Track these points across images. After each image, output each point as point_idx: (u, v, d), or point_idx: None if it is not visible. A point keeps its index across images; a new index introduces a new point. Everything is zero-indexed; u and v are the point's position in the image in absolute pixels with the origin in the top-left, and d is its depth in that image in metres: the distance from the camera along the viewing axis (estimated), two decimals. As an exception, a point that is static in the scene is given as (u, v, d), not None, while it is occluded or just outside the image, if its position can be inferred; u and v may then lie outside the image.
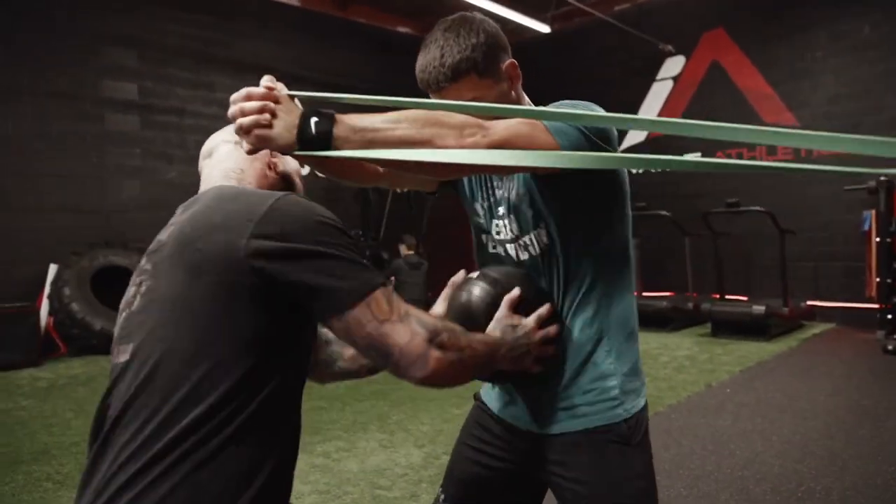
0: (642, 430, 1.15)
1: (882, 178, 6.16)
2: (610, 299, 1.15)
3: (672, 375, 4.78)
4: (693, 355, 5.54)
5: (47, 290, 5.91)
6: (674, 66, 8.31)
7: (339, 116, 0.87)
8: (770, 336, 6.10)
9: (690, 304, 6.96)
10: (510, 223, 1.19)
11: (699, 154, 8.03)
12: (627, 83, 8.41)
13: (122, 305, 0.94)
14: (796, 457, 3.11)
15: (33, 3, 6.21)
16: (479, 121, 0.93)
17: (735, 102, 7.69)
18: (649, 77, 8.41)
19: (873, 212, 6.22)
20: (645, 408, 1.17)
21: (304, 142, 0.84)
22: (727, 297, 7.22)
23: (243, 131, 0.84)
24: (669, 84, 8.32)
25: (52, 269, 5.96)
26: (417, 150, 0.87)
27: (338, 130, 0.85)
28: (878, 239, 6.18)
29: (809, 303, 6.97)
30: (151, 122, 7.03)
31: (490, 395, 1.31)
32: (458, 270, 1.23)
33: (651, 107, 8.41)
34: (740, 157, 7.68)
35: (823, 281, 7.08)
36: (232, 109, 0.85)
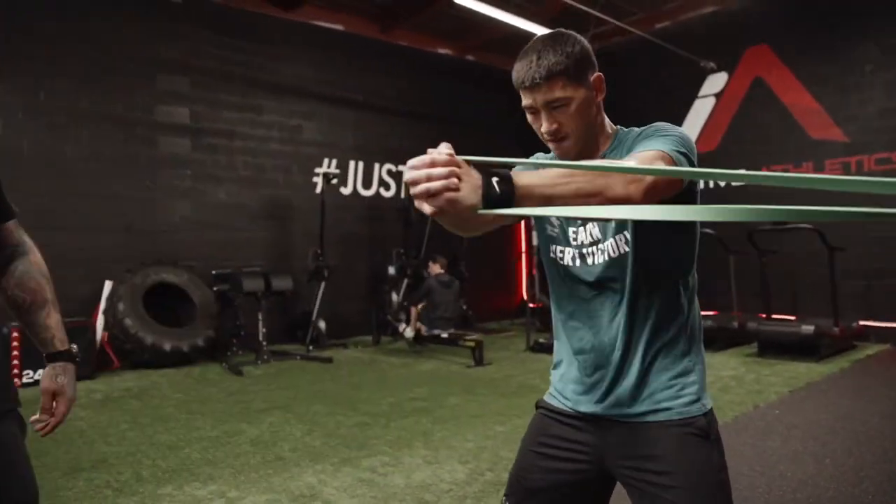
0: (717, 426, 1.23)
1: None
2: (686, 302, 1.26)
3: (718, 396, 4.69)
4: (739, 375, 5.43)
5: (102, 305, 6.15)
6: (716, 82, 8.23)
7: (516, 175, 0.93)
8: (820, 357, 5.94)
9: (735, 324, 6.81)
10: (591, 228, 1.29)
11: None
12: (668, 100, 8.36)
13: None
14: (852, 480, 3.02)
15: (92, 31, 6.55)
16: (632, 165, 1.02)
17: (780, 118, 7.57)
18: (691, 94, 8.35)
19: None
20: (712, 408, 1.25)
21: (490, 201, 0.90)
22: (774, 316, 7.04)
23: (430, 195, 0.87)
24: (712, 101, 8.24)
25: (108, 285, 6.20)
26: (590, 206, 0.96)
27: (519, 189, 0.92)
28: (934, 256, 5.99)
29: (862, 322, 6.77)
30: (202, 145, 7.29)
31: (558, 397, 1.36)
32: (495, 287, 1.31)
33: (693, 124, 8.32)
34: (786, 173, 7.55)
35: (877, 299, 6.85)
36: (415, 174, 0.87)
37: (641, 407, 1.23)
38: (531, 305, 8.03)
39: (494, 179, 0.90)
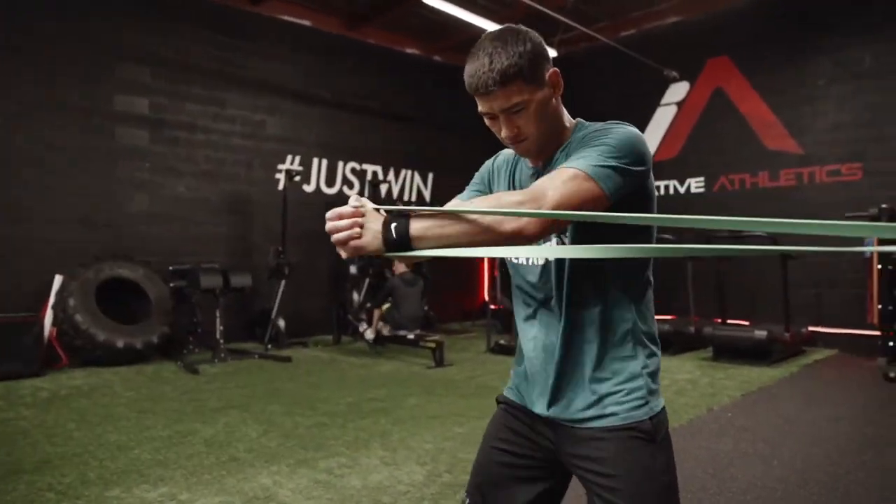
0: (664, 429, 1.23)
1: (884, 206, 6.22)
2: (634, 305, 1.25)
3: (673, 399, 4.77)
4: (694, 379, 5.53)
5: (52, 300, 5.94)
6: (678, 91, 8.40)
7: (414, 217, 1.03)
8: (772, 361, 6.09)
9: (692, 328, 6.95)
10: None
11: (703, 178, 8.10)
12: (632, 107, 8.48)
13: None
14: (798, 482, 3.10)
15: (47, 17, 6.33)
16: (534, 193, 1.05)
17: (738, 128, 7.75)
18: (654, 102, 8.50)
19: (875, 238, 6.22)
20: (664, 409, 1.25)
21: (389, 244, 1.02)
22: (729, 321, 7.22)
23: (340, 244, 1.04)
24: (674, 109, 8.40)
25: (58, 279, 5.99)
26: (484, 248, 1.03)
27: (413, 229, 1.02)
28: (879, 266, 6.21)
29: (811, 328, 6.97)
30: (161, 137, 7.11)
31: (515, 393, 1.37)
32: (456, 288, 1.34)
33: (655, 131, 8.49)
34: (742, 183, 7.75)
35: (826, 307, 7.07)
36: (328, 226, 1.05)
37: (588, 412, 1.22)
38: (492, 307, 8.05)
39: (393, 225, 1.01)
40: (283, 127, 8.15)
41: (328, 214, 1.05)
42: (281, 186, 7.77)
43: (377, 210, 1.08)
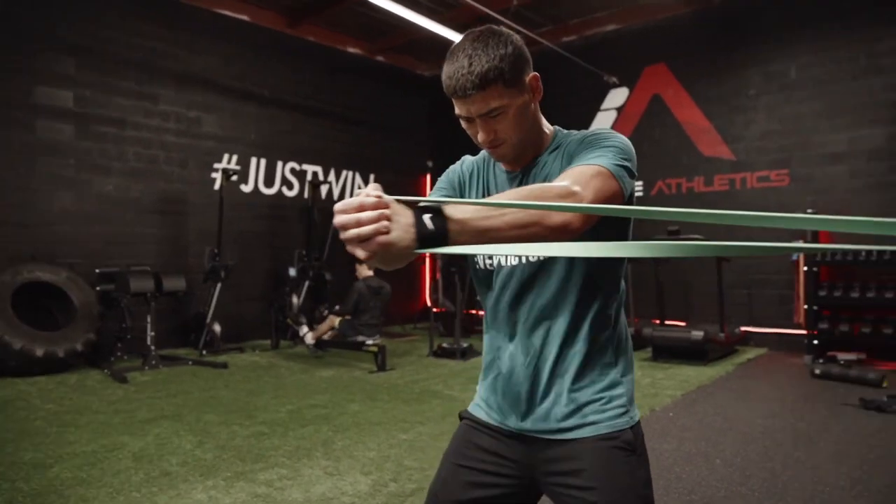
0: (643, 439, 1.21)
1: (809, 211, 6.49)
2: (614, 311, 1.23)
3: (616, 399, 4.80)
4: (636, 380, 5.59)
5: (-36, 306, 5.49)
6: (618, 97, 8.53)
7: (449, 209, 0.91)
8: (708, 360, 6.25)
9: (632, 330, 7.05)
10: None
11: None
12: (573, 112, 8.58)
13: None
14: (739, 480, 3.15)
15: (-38, 2, 5.87)
16: (570, 187, 0.99)
17: (676, 135, 7.95)
18: (595, 107, 8.61)
19: (801, 241, 6.49)
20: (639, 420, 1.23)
21: (423, 239, 0.88)
22: (667, 322, 7.37)
23: (361, 240, 0.86)
24: (613, 114, 8.53)
25: (-29, 283, 5.55)
26: (527, 244, 0.94)
27: (451, 224, 0.89)
28: (805, 268, 6.48)
29: (744, 328, 7.20)
30: (87, 133, 6.70)
31: (484, 408, 1.30)
32: (398, 291, 1.23)
33: None
34: (679, 187, 7.95)
35: (757, 308, 7.31)
36: (344, 219, 0.86)
37: (568, 422, 1.18)
38: (434, 310, 7.98)
39: (426, 216, 0.88)
40: (220, 125, 7.85)
41: (340, 206, 0.89)
42: (217, 186, 7.49)
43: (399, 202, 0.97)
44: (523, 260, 1.21)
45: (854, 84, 6.78)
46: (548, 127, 1.27)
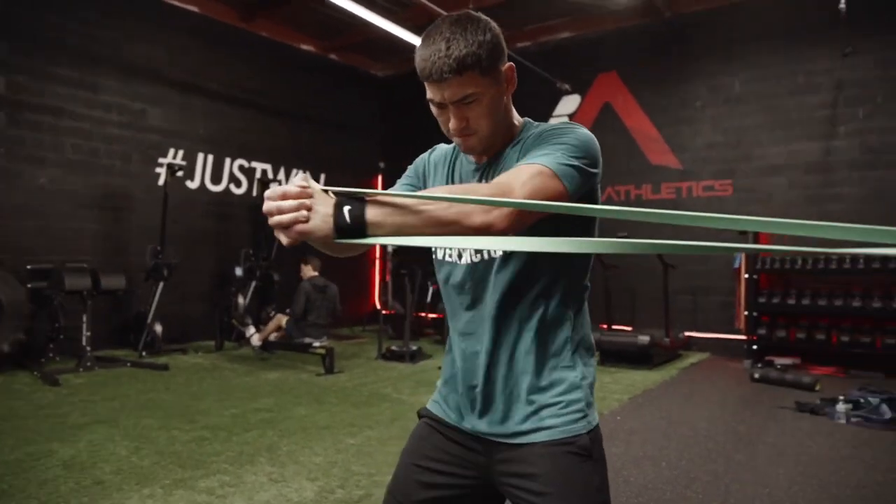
0: (601, 444, 1.18)
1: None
2: (574, 311, 1.20)
3: (565, 403, 4.83)
4: (583, 383, 5.65)
5: None
6: (570, 104, 8.64)
7: (371, 200, 0.92)
8: (653, 365, 6.36)
9: (580, 333, 7.13)
10: None
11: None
12: (525, 116, 8.63)
13: None
14: (684, 483, 3.20)
15: None
16: (502, 187, 0.98)
17: (625, 142, 8.09)
18: (547, 112, 8.69)
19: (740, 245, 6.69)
20: (598, 423, 1.21)
21: (341, 230, 0.90)
22: (614, 327, 7.49)
23: (283, 227, 0.90)
24: (565, 120, 8.54)
25: None
26: (446, 237, 0.94)
27: (370, 215, 0.90)
28: (746, 275, 6.69)
29: (687, 333, 7.37)
30: (20, 121, 6.35)
31: (445, 404, 1.28)
32: (346, 292, 1.21)
33: None
34: (628, 194, 8.10)
35: (700, 313, 7.50)
36: (268, 206, 0.91)
37: (524, 425, 1.15)
38: (383, 312, 7.90)
39: (346, 208, 0.90)
40: (167, 118, 7.57)
41: (268, 193, 0.91)
42: (162, 181, 7.22)
43: (325, 192, 0.96)
44: (485, 255, 1.17)
45: (792, 100, 7.06)
46: (518, 119, 1.24)
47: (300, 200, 0.90)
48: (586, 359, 1.21)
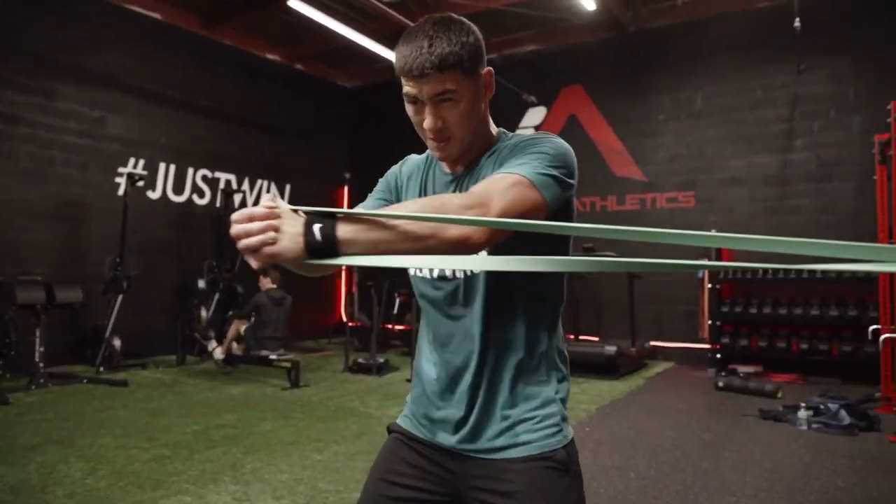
0: (577, 459, 1.17)
1: (713, 231, 6.80)
2: (550, 326, 1.19)
3: (534, 414, 4.82)
4: (551, 393, 5.65)
5: None
6: (536, 115, 8.71)
7: (342, 218, 0.88)
8: (620, 375, 6.40)
9: (547, 344, 7.16)
10: None
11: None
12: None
13: None
14: (653, 493, 3.20)
15: None
16: (479, 198, 0.95)
17: (590, 154, 8.16)
18: (513, 124, 8.74)
19: (706, 260, 6.82)
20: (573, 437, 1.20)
21: (312, 249, 0.86)
22: (581, 337, 7.52)
23: (251, 251, 0.87)
24: (531, 132, 8.57)
25: None
26: (423, 256, 0.91)
27: (341, 233, 0.87)
28: (709, 286, 6.79)
29: (653, 343, 7.45)
30: (-28, 129, 6.12)
31: (416, 420, 1.26)
32: (312, 304, 1.16)
33: None
34: (593, 205, 8.19)
35: (665, 323, 7.61)
36: (235, 230, 0.87)
37: (499, 440, 1.13)
38: (350, 324, 7.81)
39: (316, 226, 0.86)
40: (127, 127, 7.38)
41: (235, 216, 0.88)
42: (122, 191, 7.02)
43: (294, 211, 0.92)
44: (449, 272, 1.16)
45: (751, 114, 7.25)
46: (493, 128, 1.23)
47: (267, 221, 0.86)
48: (561, 372, 1.20)
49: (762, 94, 7.17)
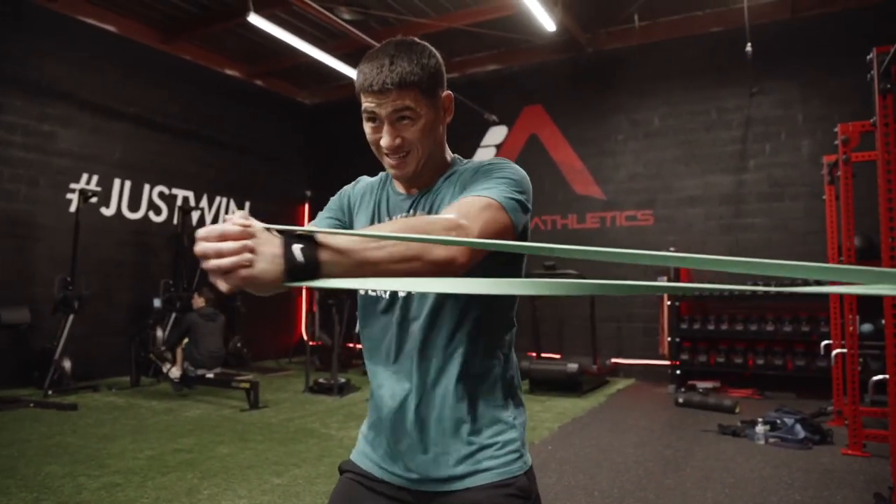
0: (535, 483, 1.16)
1: (671, 249, 6.96)
2: (507, 346, 1.19)
3: (497, 433, 4.79)
4: (514, 412, 5.64)
5: None
6: (497, 134, 8.80)
7: (322, 238, 0.84)
8: (582, 392, 6.44)
9: (510, 362, 7.15)
10: None
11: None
12: (453, 145, 8.60)
13: None
14: (617, 511, 3.21)
15: None
16: (456, 220, 0.95)
17: (551, 173, 8.31)
18: (474, 143, 8.83)
19: (665, 278, 6.95)
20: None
21: (293, 272, 0.81)
22: (543, 355, 7.53)
23: (223, 273, 0.80)
24: (493, 151, 8.78)
25: None
26: (410, 279, 0.87)
27: (324, 254, 0.82)
28: (668, 303, 6.91)
29: (614, 360, 7.53)
30: (-88, 142, 5.86)
31: (369, 455, 1.22)
32: (272, 323, 1.11)
33: None
34: (554, 223, 8.27)
35: (625, 340, 7.70)
36: (203, 248, 0.80)
37: (458, 468, 1.11)
38: (311, 343, 7.71)
39: (296, 247, 0.81)
40: (79, 141, 7.17)
41: (203, 233, 0.81)
42: (73, 208, 6.80)
43: (268, 230, 0.87)
44: (399, 292, 1.15)
45: (707, 135, 7.47)
46: (449, 154, 1.25)
47: (242, 241, 0.80)
48: (518, 397, 1.19)
49: (716, 115, 7.40)
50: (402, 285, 0.83)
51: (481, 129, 8.80)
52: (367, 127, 1.13)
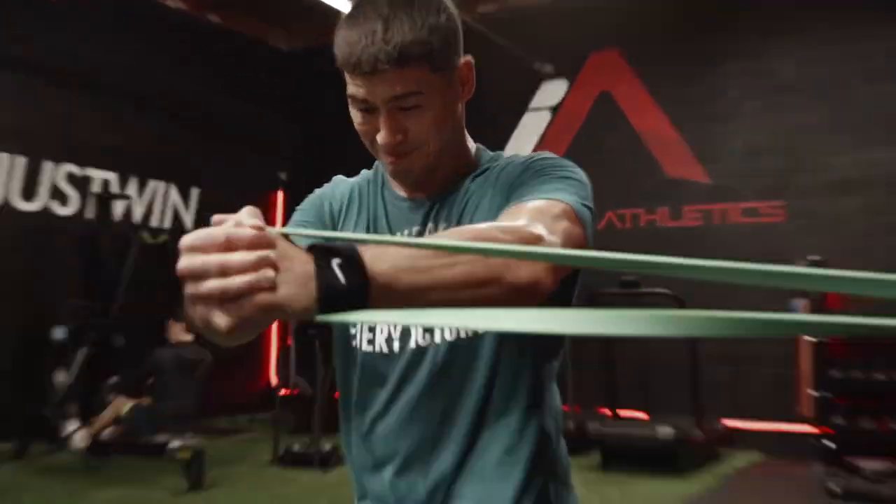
0: None
1: (811, 259, 6.52)
2: (554, 414, 1.27)
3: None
4: (578, 499, 5.31)
5: None
6: (553, 92, 8.73)
7: (370, 253, 0.81)
8: (681, 470, 6.23)
9: (571, 424, 6.88)
10: None
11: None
12: (488, 110, 8.48)
13: None
14: None
15: None
16: (534, 230, 1.00)
17: (630, 147, 8.16)
18: (520, 105, 8.77)
19: (803, 302, 6.51)
20: None
21: (330, 299, 0.76)
22: (621, 413, 7.36)
23: (227, 298, 0.72)
24: (547, 116, 8.74)
25: None
26: (488, 312, 0.71)
27: (376, 277, 0.80)
28: (809, 339, 6.45)
29: (727, 423, 7.26)
30: None
31: None
32: (229, 364, 0.76)
33: (522, 145, 8.66)
34: (636, 220, 7.97)
35: (744, 393, 7.43)
36: (199, 263, 0.72)
37: None
38: (282, 392, 7.74)
39: (336, 262, 0.78)
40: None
41: (193, 241, 0.73)
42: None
43: (286, 237, 0.84)
44: (437, 339, 1.22)
45: (868, 90, 7.26)
46: (471, 143, 1.32)
47: (258, 252, 0.73)
48: (563, 478, 1.29)
49: (884, 60, 7.14)
50: (482, 321, 0.72)
51: (530, 84, 8.74)
52: (356, 115, 1.17)
